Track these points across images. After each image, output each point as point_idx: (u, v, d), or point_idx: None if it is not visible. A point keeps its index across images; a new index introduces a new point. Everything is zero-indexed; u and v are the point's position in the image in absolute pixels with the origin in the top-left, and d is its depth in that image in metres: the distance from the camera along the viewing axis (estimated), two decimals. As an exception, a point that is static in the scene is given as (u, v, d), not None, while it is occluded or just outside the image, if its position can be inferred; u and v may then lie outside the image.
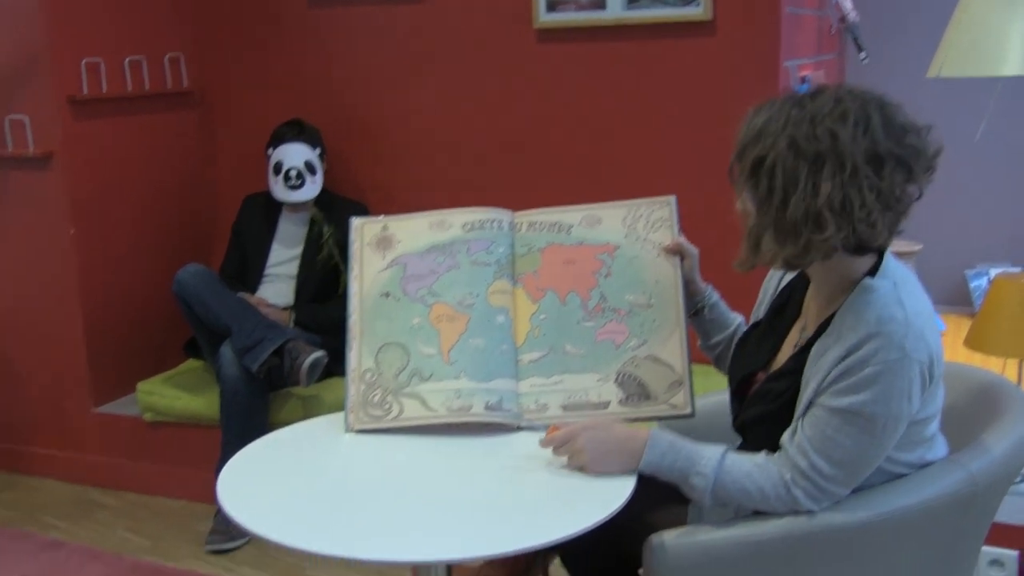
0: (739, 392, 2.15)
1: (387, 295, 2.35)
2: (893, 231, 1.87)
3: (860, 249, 1.86)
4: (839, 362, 1.83)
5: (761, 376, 2.09)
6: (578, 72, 3.88)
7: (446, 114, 4.15)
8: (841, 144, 1.78)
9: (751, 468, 1.92)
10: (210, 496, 2.15)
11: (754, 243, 1.90)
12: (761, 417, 2.00)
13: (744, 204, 1.92)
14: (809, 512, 1.88)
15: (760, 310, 2.25)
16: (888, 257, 1.92)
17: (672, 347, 2.24)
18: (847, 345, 1.82)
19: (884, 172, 1.79)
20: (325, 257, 4.02)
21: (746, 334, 2.25)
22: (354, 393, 2.27)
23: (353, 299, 2.36)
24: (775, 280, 2.24)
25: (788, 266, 1.92)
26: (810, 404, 1.88)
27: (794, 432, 1.90)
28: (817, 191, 1.79)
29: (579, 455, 2.01)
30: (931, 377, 1.85)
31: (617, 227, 2.35)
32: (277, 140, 4.06)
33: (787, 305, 2.15)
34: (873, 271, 1.90)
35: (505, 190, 3.91)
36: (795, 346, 2.02)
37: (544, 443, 2.06)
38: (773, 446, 1.94)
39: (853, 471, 1.86)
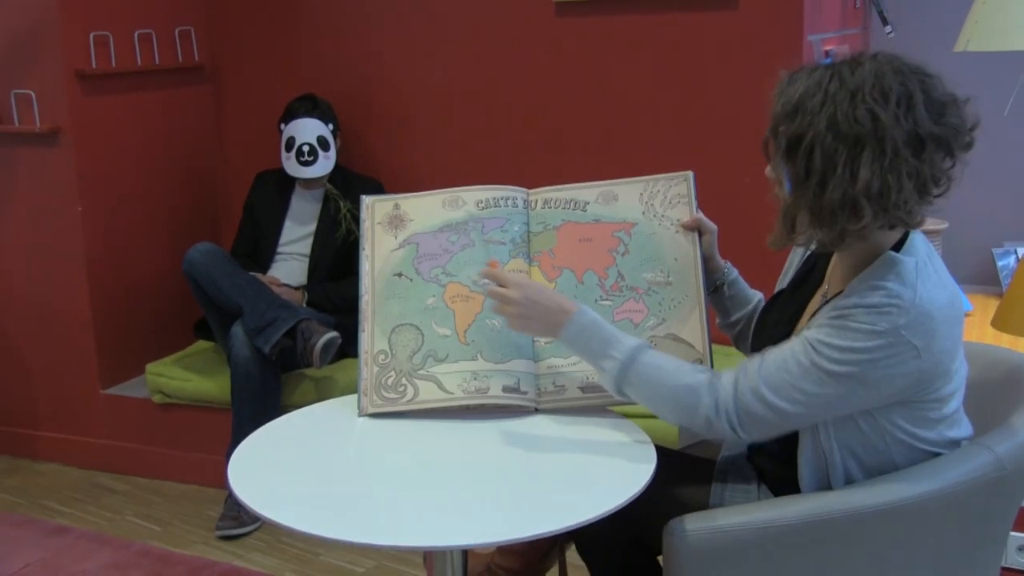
0: None
1: (400, 275, 2.31)
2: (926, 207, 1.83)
3: (892, 225, 1.82)
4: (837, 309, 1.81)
5: None
6: (597, 46, 3.83)
7: (462, 89, 4.11)
8: (882, 127, 1.73)
9: (674, 369, 1.92)
10: (221, 480, 2.14)
11: (789, 223, 1.87)
12: None
13: (777, 174, 1.88)
14: (821, 493, 1.85)
15: (785, 279, 2.21)
16: (914, 234, 1.88)
17: (692, 326, 2.21)
18: (850, 302, 1.79)
19: (924, 155, 1.76)
20: (344, 233, 3.99)
21: (769, 303, 2.22)
22: (367, 375, 2.24)
23: (365, 279, 2.32)
24: (801, 248, 2.20)
25: (822, 247, 1.89)
26: None
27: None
28: (856, 178, 1.75)
29: (506, 308, 2.07)
30: (926, 368, 1.78)
31: (634, 204, 2.31)
32: (290, 115, 4.04)
33: (812, 272, 2.12)
34: (899, 245, 1.86)
35: (521, 166, 3.92)
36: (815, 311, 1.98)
37: (482, 272, 2.15)
38: None
39: (778, 406, 1.82)
